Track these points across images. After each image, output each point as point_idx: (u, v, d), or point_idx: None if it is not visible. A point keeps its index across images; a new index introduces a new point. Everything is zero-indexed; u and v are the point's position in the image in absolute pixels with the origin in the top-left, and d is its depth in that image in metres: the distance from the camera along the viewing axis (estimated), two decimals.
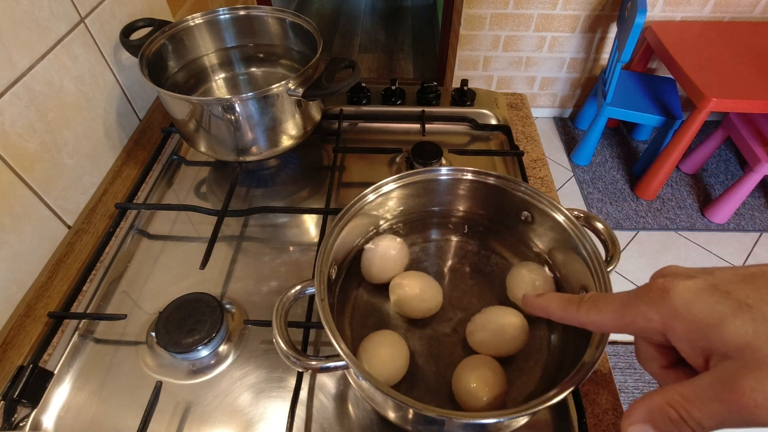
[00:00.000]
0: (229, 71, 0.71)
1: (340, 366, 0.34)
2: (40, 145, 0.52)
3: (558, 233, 0.44)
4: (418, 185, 0.48)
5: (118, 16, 0.65)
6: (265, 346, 0.48)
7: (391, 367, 0.40)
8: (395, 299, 0.45)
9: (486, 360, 0.41)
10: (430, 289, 0.45)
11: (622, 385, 1.33)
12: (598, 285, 0.38)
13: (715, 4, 1.80)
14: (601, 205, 1.85)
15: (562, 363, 0.42)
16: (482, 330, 0.42)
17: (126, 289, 0.53)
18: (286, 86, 0.54)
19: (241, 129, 0.56)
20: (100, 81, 0.62)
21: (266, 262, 0.55)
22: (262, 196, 0.64)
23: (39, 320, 0.50)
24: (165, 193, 0.64)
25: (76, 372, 0.46)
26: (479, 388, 0.38)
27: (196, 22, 0.65)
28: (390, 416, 0.37)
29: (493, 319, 0.42)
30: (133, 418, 0.42)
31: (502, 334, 0.41)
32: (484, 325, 0.42)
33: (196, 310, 0.47)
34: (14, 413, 0.43)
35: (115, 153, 0.65)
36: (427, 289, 0.45)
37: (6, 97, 0.47)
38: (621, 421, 0.24)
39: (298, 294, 0.38)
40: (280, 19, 0.67)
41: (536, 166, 0.66)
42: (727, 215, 1.75)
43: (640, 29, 1.48)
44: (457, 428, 0.37)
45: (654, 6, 1.80)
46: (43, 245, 0.53)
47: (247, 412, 0.43)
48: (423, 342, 0.45)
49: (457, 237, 0.53)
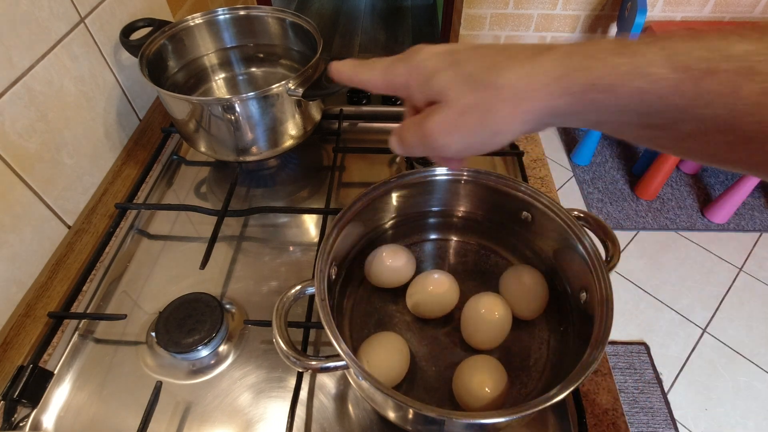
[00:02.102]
0: (229, 71, 0.71)
1: (340, 366, 0.34)
2: (40, 145, 0.52)
3: (558, 233, 0.44)
4: (418, 185, 0.48)
5: (118, 16, 0.65)
6: (265, 346, 0.48)
7: (392, 367, 0.40)
8: (413, 305, 0.46)
9: (486, 360, 0.41)
10: (450, 291, 0.46)
11: (622, 385, 1.33)
12: (598, 285, 0.38)
13: (715, 4, 1.80)
14: (601, 205, 1.84)
15: (562, 363, 0.42)
16: (467, 323, 0.44)
17: (126, 289, 0.53)
18: (286, 86, 0.54)
19: (241, 129, 0.56)
20: (100, 81, 0.62)
21: (266, 262, 0.55)
22: (262, 196, 0.64)
23: (39, 320, 0.50)
24: (165, 193, 0.64)
25: (76, 372, 0.46)
26: (479, 388, 0.38)
27: (196, 22, 0.65)
28: (390, 416, 0.37)
29: (474, 307, 0.44)
30: (133, 418, 0.42)
31: (486, 323, 0.42)
32: (469, 317, 0.44)
33: (196, 310, 0.47)
34: (14, 413, 0.43)
35: (115, 153, 0.65)
36: (448, 291, 0.46)
37: (6, 97, 0.47)
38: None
39: (298, 294, 0.38)
40: (280, 19, 0.67)
41: (536, 166, 0.66)
42: (727, 215, 1.75)
43: (640, 29, 1.48)
44: (458, 428, 0.37)
45: (654, 6, 1.80)
46: (43, 245, 0.53)
47: (247, 412, 0.43)
48: (423, 342, 0.45)
49: (457, 237, 0.53)
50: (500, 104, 0.25)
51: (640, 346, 1.41)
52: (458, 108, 0.27)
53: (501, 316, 0.42)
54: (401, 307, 0.47)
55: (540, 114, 0.25)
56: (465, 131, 0.27)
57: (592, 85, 0.23)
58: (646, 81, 0.22)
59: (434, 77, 0.27)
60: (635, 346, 1.40)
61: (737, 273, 1.60)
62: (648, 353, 1.39)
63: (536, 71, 0.25)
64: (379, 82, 0.31)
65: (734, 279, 1.58)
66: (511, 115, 0.26)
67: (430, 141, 0.28)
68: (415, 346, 0.45)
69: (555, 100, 0.24)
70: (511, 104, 0.25)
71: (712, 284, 1.57)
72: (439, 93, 0.27)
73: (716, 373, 1.36)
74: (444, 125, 0.27)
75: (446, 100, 0.27)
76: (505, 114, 0.26)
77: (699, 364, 1.38)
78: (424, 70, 0.28)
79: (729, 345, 1.42)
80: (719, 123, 0.22)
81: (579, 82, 0.24)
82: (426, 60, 0.28)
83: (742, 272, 1.60)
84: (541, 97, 0.25)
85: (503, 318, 0.43)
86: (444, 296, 0.45)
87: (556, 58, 0.24)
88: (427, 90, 0.28)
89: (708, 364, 1.38)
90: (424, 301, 0.45)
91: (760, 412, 1.28)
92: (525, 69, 0.25)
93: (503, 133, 0.27)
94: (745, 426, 1.26)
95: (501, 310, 0.43)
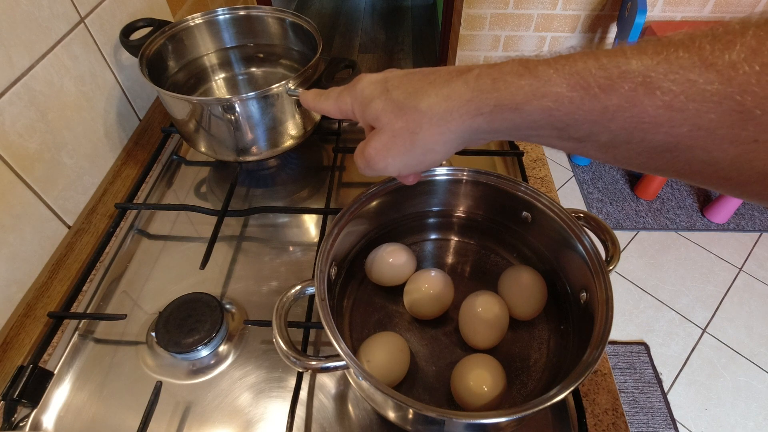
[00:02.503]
0: (229, 71, 0.71)
1: (340, 366, 0.34)
2: (40, 145, 0.52)
3: (558, 233, 0.44)
4: (417, 185, 0.48)
5: (118, 16, 0.65)
6: (265, 346, 0.48)
7: (392, 367, 0.40)
8: (410, 304, 0.46)
9: (483, 358, 0.41)
10: (445, 290, 0.46)
11: (622, 385, 1.33)
12: (599, 285, 0.38)
13: (715, 4, 1.80)
14: (601, 205, 1.84)
15: (562, 363, 0.42)
16: (465, 323, 0.44)
17: (126, 289, 0.53)
18: (286, 86, 0.54)
19: (241, 129, 0.56)
20: (100, 81, 0.62)
21: (266, 262, 0.55)
22: (262, 196, 0.64)
23: (39, 320, 0.50)
24: (165, 193, 0.64)
25: (76, 372, 0.46)
26: (476, 386, 0.38)
27: (196, 22, 0.65)
28: (390, 416, 0.37)
29: (471, 306, 0.44)
30: (133, 418, 0.42)
31: (483, 322, 0.43)
32: (466, 316, 0.44)
33: (196, 310, 0.47)
34: (14, 413, 0.43)
35: (115, 153, 0.65)
36: (443, 290, 0.46)
37: (6, 97, 0.47)
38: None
39: (298, 294, 0.38)
40: (280, 19, 0.67)
41: (536, 166, 0.66)
42: (727, 215, 1.75)
43: (640, 29, 1.48)
44: (458, 428, 0.37)
45: (654, 6, 1.80)
46: (43, 245, 0.53)
47: (247, 412, 0.43)
48: (423, 342, 0.45)
49: (457, 237, 0.53)
50: (424, 126, 0.28)
51: (640, 346, 1.41)
52: (390, 132, 0.29)
53: (497, 314, 0.43)
54: (401, 307, 0.47)
55: (461, 132, 0.28)
56: (397, 153, 0.30)
57: (500, 105, 0.25)
58: (548, 100, 0.24)
59: (369, 105, 0.30)
60: (635, 346, 1.41)
61: (737, 273, 1.60)
62: (648, 353, 1.39)
63: (451, 95, 0.27)
64: (333, 110, 0.35)
65: (734, 279, 1.58)
66: (434, 135, 0.28)
67: (372, 164, 0.31)
68: (415, 346, 0.45)
69: (471, 119, 0.27)
70: (434, 125, 0.28)
71: (711, 284, 1.57)
72: (375, 119, 0.30)
73: (716, 373, 1.36)
74: (380, 149, 0.30)
75: (380, 126, 0.30)
76: (429, 135, 0.28)
77: (699, 364, 1.38)
78: (362, 98, 0.31)
79: (729, 345, 1.42)
80: (631, 135, 0.22)
81: (487, 104, 0.26)
82: (364, 89, 0.31)
83: (742, 272, 1.60)
84: (458, 117, 0.27)
85: (500, 316, 0.43)
86: (439, 295, 0.45)
87: (467, 80, 0.27)
88: (366, 117, 0.31)
89: (708, 364, 1.38)
90: (420, 301, 0.45)
91: (760, 412, 1.28)
92: (442, 93, 0.27)
93: (435, 151, 0.29)
94: (745, 426, 1.26)
95: (497, 309, 0.43)
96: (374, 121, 0.30)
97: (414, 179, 0.37)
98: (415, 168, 0.31)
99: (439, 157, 0.30)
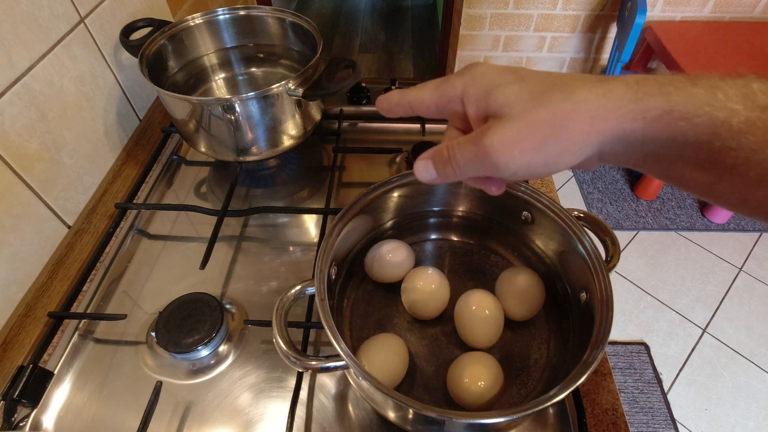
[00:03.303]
0: (229, 71, 0.71)
1: (340, 366, 0.34)
2: (40, 145, 0.52)
3: (558, 233, 0.44)
4: (418, 185, 0.48)
5: (118, 16, 0.65)
6: (265, 346, 0.48)
7: (391, 369, 0.40)
8: (409, 304, 0.46)
9: (478, 355, 0.41)
10: (441, 288, 0.46)
11: (622, 385, 1.33)
12: (599, 285, 0.38)
13: (715, 4, 1.80)
14: (601, 205, 1.84)
15: (562, 363, 0.42)
16: (461, 321, 0.44)
17: (126, 289, 0.53)
18: (286, 86, 0.54)
19: (241, 129, 0.56)
20: (100, 81, 0.62)
21: (266, 262, 0.55)
22: (262, 196, 0.64)
23: (39, 320, 0.50)
24: (165, 193, 0.64)
25: (76, 372, 0.46)
26: (472, 383, 0.38)
27: (196, 22, 0.65)
28: (390, 416, 0.37)
29: (465, 305, 0.44)
30: (133, 418, 0.42)
31: (479, 320, 0.43)
32: (461, 315, 0.44)
33: (196, 310, 0.47)
34: (14, 413, 0.43)
35: (115, 153, 0.65)
36: (439, 288, 0.46)
37: (6, 97, 0.47)
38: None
39: (298, 294, 0.38)
40: (280, 19, 0.67)
41: None
42: (727, 215, 1.75)
43: (640, 29, 1.48)
44: (458, 428, 0.37)
45: (654, 6, 1.80)
46: (43, 245, 0.53)
47: (247, 412, 0.43)
48: (423, 342, 0.45)
49: (457, 237, 0.53)
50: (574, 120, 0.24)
51: (640, 346, 1.41)
52: (525, 122, 0.25)
53: (492, 312, 0.43)
54: (401, 307, 0.47)
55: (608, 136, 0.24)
56: (529, 147, 0.25)
57: (670, 110, 0.22)
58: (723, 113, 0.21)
59: (497, 90, 0.26)
60: (635, 346, 1.41)
61: (737, 273, 1.60)
62: (648, 353, 1.39)
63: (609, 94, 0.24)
64: (431, 98, 0.30)
65: (734, 279, 1.58)
66: (581, 134, 0.24)
67: (489, 157, 0.25)
68: (414, 346, 0.45)
69: (628, 123, 0.23)
70: (585, 122, 0.24)
71: (711, 284, 1.57)
72: (503, 106, 0.26)
73: (716, 373, 1.36)
74: (507, 140, 0.25)
75: (510, 115, 0.25)
76: (576, 132, 0.24)
77: (699, 364, 1.38)
78: (484, 83, 0.27)
79: (729, 345, 1.42)
80: None
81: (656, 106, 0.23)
82: (486, 73, 0.27)
83: (741, 272, 1.60)
84: (614, 119, 0.24)
85: (494, 314, 0.43)
86: (436, 293, 0.45)
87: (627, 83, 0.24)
88: (485, 103, 0.27)
89: (708, 364, 1.38)
90: (419, 301, 0.45)
91: (760, 412, 1.28)
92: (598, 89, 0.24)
93: (572, 152, 0.25)
94: (745, 426, 1.26)
95: (491, 307, 0.43)
96: (501, 108, 0.26)
97: (500, 189, 0.32)
98: (537, 171, 0.26)
99: (571, 161, 0.25)
